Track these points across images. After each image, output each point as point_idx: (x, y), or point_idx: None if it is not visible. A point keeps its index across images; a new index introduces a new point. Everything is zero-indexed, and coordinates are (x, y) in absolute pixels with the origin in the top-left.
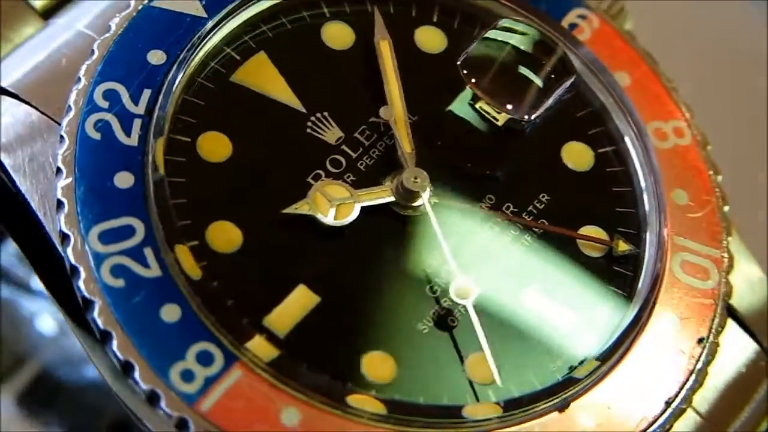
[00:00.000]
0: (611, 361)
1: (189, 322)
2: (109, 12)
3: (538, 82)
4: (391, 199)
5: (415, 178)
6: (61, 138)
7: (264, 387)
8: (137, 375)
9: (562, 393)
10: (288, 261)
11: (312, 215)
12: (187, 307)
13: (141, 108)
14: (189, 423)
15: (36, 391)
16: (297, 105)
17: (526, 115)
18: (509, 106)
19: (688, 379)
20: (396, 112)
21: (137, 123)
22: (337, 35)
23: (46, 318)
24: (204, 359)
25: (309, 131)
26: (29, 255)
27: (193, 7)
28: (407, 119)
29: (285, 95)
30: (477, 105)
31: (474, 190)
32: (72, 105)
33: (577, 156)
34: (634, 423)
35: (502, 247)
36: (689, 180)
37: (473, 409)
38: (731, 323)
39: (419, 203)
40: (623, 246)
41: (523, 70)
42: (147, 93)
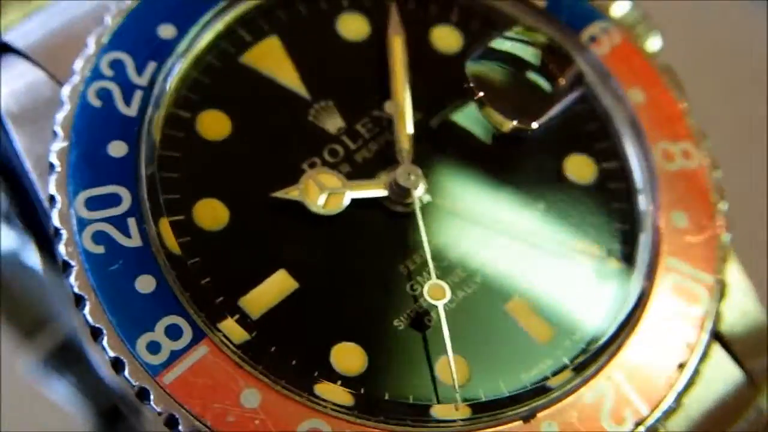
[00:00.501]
0: (587, 373)
1: (162, 295)
2: None
3: (543, 91)
4: (384, 194)
5: (409, 174)
6: (62, 102)
7: (229, 366)
8: (105, 341)
9: (530, 402)
10: (272, 244)
11: (301, 201)
12: (163, 280)
13: (144, 80)
14: (150, 393)
15: (59, 354)
16: (302, 92)
17: (526, 124)
18: (511, 113)
19: (661, 403)
20: (399, 107)
21: (138, 94)
22: (352, 26)
23: None
24: (172, 333)
25: (311, 119)
26: (23, 215)
27: None
28: (410, 116)
29: (291, 81)
30: (483, 110)
31: (471, 193)
32: (77, 70)
33: (580, 168)
34: None
35: (490, 253)
36: (691, 203)
37: (440, 410)
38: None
39: (411, 200)
40: (615, 263)
41: (529, 78)
42: (152, 65)
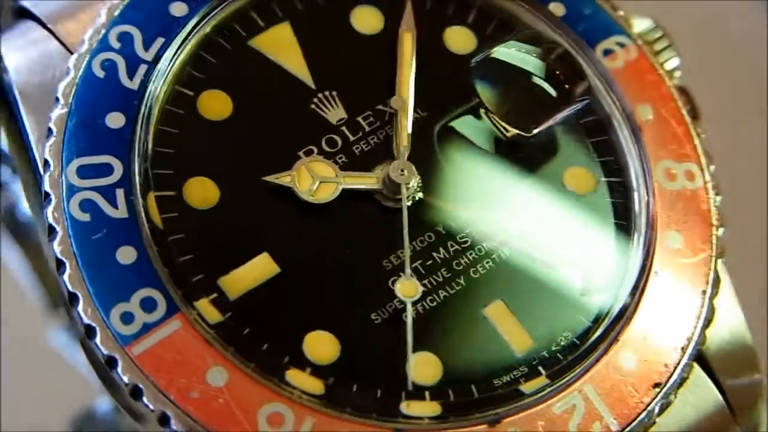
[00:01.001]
0: (559, 383)
1: (142, 267)
2: None
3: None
4: (376, 188)
5: (402, 170)
6: (68, 70)
7: (199, 344)
8: (80, 308)
9: (498, 406)
10: (258, 227)
11: (291, 188)
12: (144, 253)
13: (150, 54)
14: (118, 362)
15: None
16: (308, 80)
17: (525, 131)
18: (511, 119)
19: (633, 422)
20: (401, 103)
21: (143, 68)
22: (366, 19)
23: None
24: (147, 305)
25: (313, 107)
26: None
27: None
28: (411, 112)
29: (298, 68)
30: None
31: (464, 194)
32: (86, 40)
33: (579, 180)
34: None
35: (476, 256)
36: (688, 225)
37: (408, 406)
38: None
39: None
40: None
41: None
42: (159, 41)
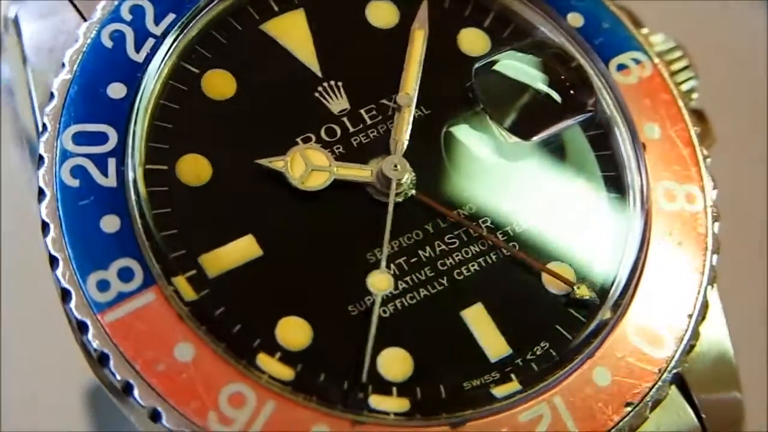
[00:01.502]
0: (528, 393)
1: (124, 237)
2: None
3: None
4: (369, 181)
5: (395, 165)
6: (77, 37)
7: (172, 318)
8: (59, 271)
9: (465, 410)
10: (246, 209)
11: (283, 173)
12: (128, 224)
13: (159, 29)
14: (89, 328)
15: None
16: (315, 68)
17: (523, 137)
18: (510, 124)
19: None
20: (404, 99)
21: (150, 42)
22: (382, 13)
23: None
24: (124, 275)
25: (316, 95)
26: None
27: None
28: (413, 109)
29: (307, 56)
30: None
31: (458, 194)
32: (99, 9)
33: (578, 191)
34: None
35: (462, 258)
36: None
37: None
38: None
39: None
40: (585, 291)
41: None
42: (171, 17)
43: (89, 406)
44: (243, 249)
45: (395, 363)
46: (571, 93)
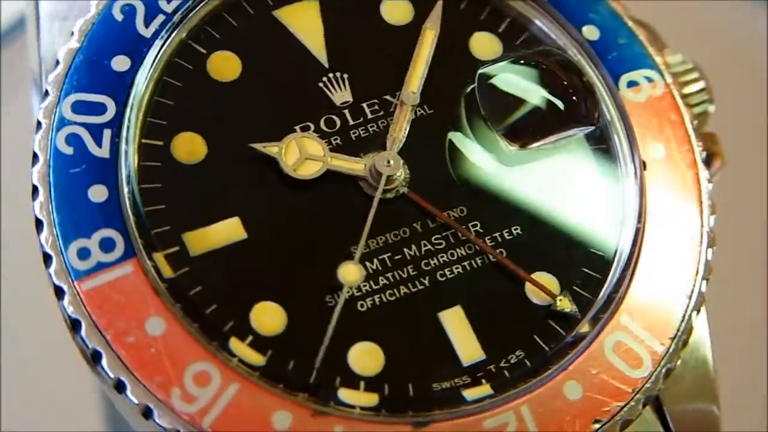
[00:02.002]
0: (497, 400)
1: (110, 208)
2: None
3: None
4: (362, 174)
5: (388, 161)
6: (89, 8)
7: (147, 291)
8: (42, 236)
9: (432, 412)
10: (236, 191)
11: (276, 159)
12: (115, 195)
13: (171, 6)
14: (65, 294)
15: None
16: (323, 58)
17: (519, 145)
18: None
19: None
20: (406, 97)
21: (160, 18)
22: (396, 10)
23: None
24: (106, 245)
25: (320, 85)
26: None
27: None
28: (414, 107)
29: (316, 46)
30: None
31: (451, 196)
32: None
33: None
34: None
35: (447, 259)
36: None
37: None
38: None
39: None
40: (567, 304)
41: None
42: None
43: (89, 405)
44: (228, 230)
45: (366, 357)
46: (573, 101)
